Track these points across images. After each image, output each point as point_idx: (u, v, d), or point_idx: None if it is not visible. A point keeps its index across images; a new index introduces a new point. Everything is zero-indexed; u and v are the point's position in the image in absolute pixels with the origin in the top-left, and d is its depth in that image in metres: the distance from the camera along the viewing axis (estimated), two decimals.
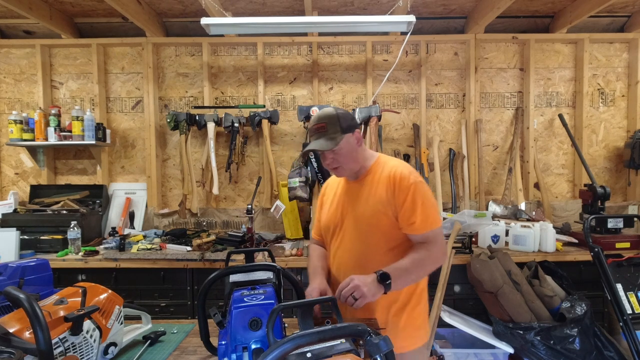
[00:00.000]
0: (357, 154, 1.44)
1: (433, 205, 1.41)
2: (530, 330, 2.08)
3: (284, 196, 3.03)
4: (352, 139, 1.41)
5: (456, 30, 3.37)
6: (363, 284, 1.22)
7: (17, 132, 3.01)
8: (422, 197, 1.37)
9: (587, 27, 3.27)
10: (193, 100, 3.35)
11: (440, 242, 1.40)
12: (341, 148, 1.39)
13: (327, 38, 3.25)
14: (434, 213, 1.39)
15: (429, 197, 1.40)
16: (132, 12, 2.77)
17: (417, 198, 1.37)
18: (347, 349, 0.80)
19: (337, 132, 1.38)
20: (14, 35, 3.34)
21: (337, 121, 1.39)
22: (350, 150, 1.41)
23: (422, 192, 1.38)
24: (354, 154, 1.43)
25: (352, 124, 1.43)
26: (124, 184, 3.36)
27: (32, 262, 1.47)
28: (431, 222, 1.38)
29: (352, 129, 1.42)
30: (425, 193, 1.39)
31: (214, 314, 1.18)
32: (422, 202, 1.36)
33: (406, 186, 1.37)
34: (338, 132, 1.38)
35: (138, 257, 2.52)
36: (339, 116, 1.40)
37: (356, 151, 1.43)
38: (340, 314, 1.09)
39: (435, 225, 1.39)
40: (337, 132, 1.38)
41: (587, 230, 2.35)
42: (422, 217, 1.36)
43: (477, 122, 3.23)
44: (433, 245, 1.37)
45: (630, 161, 3.13)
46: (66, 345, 1.12)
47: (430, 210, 1.38)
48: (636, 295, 2.23)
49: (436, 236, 1.39)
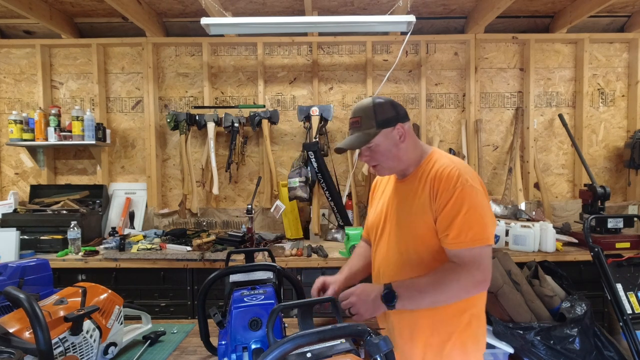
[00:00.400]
0: (399, 151, 1.24)
1: (481, 218, 1.14)
2: (530, 330, 2.08)
3: (284, 196, 3.03)
4: (392, 134, 1.23)
5: (456, 30, 3.37)
6: (361, 302, 1.15)
7: (17, 132, 3.01)
8: (468, 206, 1.13)
9: (587, 27, 3.27)
10: (193, 100, 3.35)
11: (477, 266, 1.12)
12: (378, 145, 1.22)
13: (327, 38, 3.25)
14: (478, 228, 1.13)
15: (477, 206, 1.14)
16: (132, 12, 2.77)
17: (461, 205, 1.13)
18: (347, 349, 0.80)
19: (371, 127, 1.21)
20: (14, 35, 3.34)
21: (372, 114, 1.22)
22: (390, 147, 1.23)
23: (470, 198, 1.13)
24: (394, 151, 1.24)
25: (392, 117, 1.23)
26: (124, 184, 3.36)
27: (32, 262, 1.47)
28: (470, 239, 1.12)
29: (393, 122, 1.22)
30: (474, 201, 1.14)
31: (214, 314, 1.18)
32: (467, 211, 1.13)
33: (450, 189, 1.15)
34: (373, 126, 1.21)
35: (138, 257, 2.52)
36: (375, 108, 1.22)
37: (398, 148, 1.24)
38: (340, 314, 1.09)
39: (475, 243, 1.13)
40: (371, 126, 1.21)
41: (587, 230, 2.35)
42: (458, 229, 1.13)
43: (477, 122, 3.23)
44: (467, 268, 1.12)
45: (630, 161, 3.13)
46: (66, 345, 1.12)
47: (473, 223, 1.13)
48: (636, 295, 2.22)
49: (474, 258, 1.13)
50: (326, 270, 2.51)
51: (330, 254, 2.58)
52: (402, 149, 1.25)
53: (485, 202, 1.17)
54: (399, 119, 1.24)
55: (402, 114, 1.26)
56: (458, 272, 1.13)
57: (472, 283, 1.13)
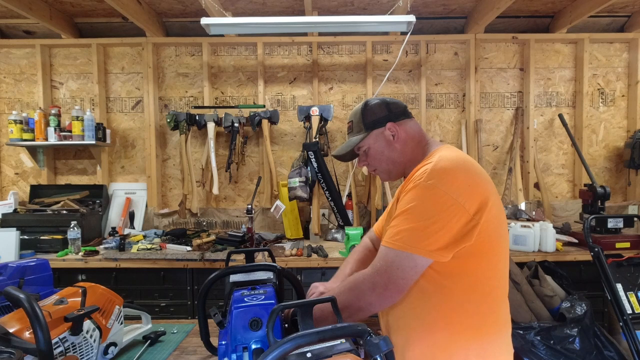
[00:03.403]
0: (392, 153, 1.14)
1: (419, 222, 0.95)
2: (530, 330, 2.08)
3: (284, 196, 3.03)
4: (383, 135, 1.14)
5: (456, 30, 3.37)
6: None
7: (17, 132, 3.01)
8: (413, 206, 0.97)
9: (587, 27, 3.27)
10: (193, 100, 3.35)
11: (383, 270, 0.97)
12: (369, 147, 1.16)
13: (327, 38, 3.25)
14: (408, 232, 0.96)
15: (425, 210, 0.95)
16: (132, 12, 2.77)
17: (407, 203, 0.99)
18: (347, 349, 0.80)
19: (360, 130, 1.16)
20: (14, 35, 3.34)
21: (360, 117, 1.16)
22: (381, 148, 1.14)
23: (421, 199, 0.97)
24: (387, 152, 1.14)
25: (383, 117, 1.14)
26: (124, 184, 3.36)
27: (32, 262, 1.47)
28: (398, 238, 0.96)
29: (383, 122, 1.14)
30: (424, 202, 0.96)
31: (214, 314, 1.18)
32: (409, 210, 0.97)
33: (413, 184, 1.00)
34: (362, 129, 1.15)
35: (138, 257, 2.52)
36: (363, 110, 1.16)
37: (391, 149, 1.14)
38: (341, 315, 1.09)
39: (392, 245, 0.97)
40: (360, 130, 1.16)
41: (587, 230, 2.35)
42: (391, 227, 1.00)
43: (477, 122, 3.23)
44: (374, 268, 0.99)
45: (630, 161, 3.13)
46: (66, 345, 1.12)
47: (413, 223, 0.96)
48: (636, 295, 2.23)
49: (385, 259, 0.97)
50: (326, 270, 2.51)
51: (330, 254, 2.58)
52: (396, 150, 1.14)
53: (441, 208, 0.94)
54: (390, 118, 1.15)
55: (395, 113, 1.16)
56: (367, 274, 1.01)
57: (371, 284, 0.98)
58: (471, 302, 0.99)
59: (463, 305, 0.99)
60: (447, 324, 1.00)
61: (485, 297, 1.01)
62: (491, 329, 1.01)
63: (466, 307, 0.99)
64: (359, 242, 2.46)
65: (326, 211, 3.19)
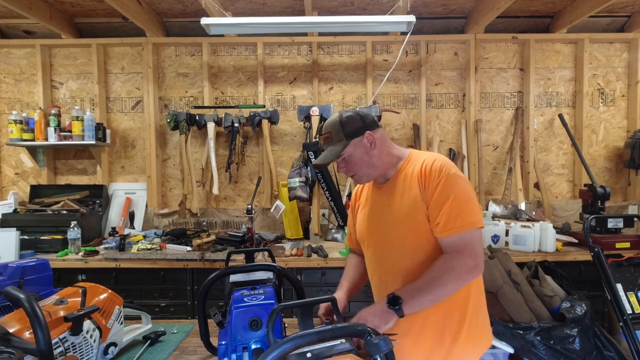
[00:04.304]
0: (371, 158, 1.28)
1: (467, 203, 1.17)
2: (530, 330, 2.08)
3: (284, 196, 3.03)
4: (362, 143, 1.27)
5: (456, 30, 3.37)
6: (371, 316, 1.14)
7: (17, 132, 3.01)
8: (454, 193, 1.16)
9: (587, 27, 3.27)
10: (193, 100, 3.35)
11: (469, 252, 1.15)
12: (350, 155, 1.27)
13: (327, 38, 3.25)
14: (466, 213, 1.16)
15: (463, 193, 1.17)
16: (132, 12, 2.77)
17: (447, 193, 1.16)
18: (347, 349, 0.80)
19: (341, 140, 1.27)
20: (14, 35, 3.34)
21: (340, 128, 1.27)
22: (362, 155, 1.27)
23: (455, 186, 1.17)
24: (366, 158, 1.28)
25: (360, 126, 1.27)
26: (124, 184, 3.36)
27: (32, 262, 1.47)
28: (459, 224, 1.15)
29: (361, 131, 1.27)
30: (459, 188, 1.17)
31: (214, 314, 1.18)
32: (453, 198, 1.16)
33: (436, 179, 1.18)
34: (342, 139, 1.27)
35: (138, 257, 2.52)
36: (341, 122, 1.28)
37: (370, 155, 1.28)
38: (340, 315, 1.09)
39: (465, 228, 1.15)
40: (341, 139, 1.27)
41: (587, 230, 2.35)
42: (448, 215, 1.15)
43: (477, 122, 3.23)
44: (458, 255, 1.15)
45: (630, 161, 3.13)
46: (66, 345, 1.12)
47: (462, 207, 1.15)
48: (636, 295, 2.23)
49: (465, 243, 1.15)
50: (326, 270, 2.51)
51: (330, 254, 2.58)
52: (374, 156, 1.29)
53: (470, 188, 1.21)
54: (366, 127, 1.28)
55: (369, 123, 1.30)
56: (450, 263, 1.15)
57: (466, 269, 1.15)
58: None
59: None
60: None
61: None
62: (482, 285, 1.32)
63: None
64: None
65: (326, 211, 3.19)
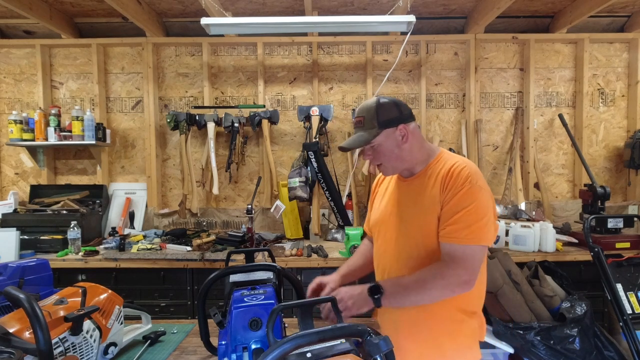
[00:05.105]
0: (402, 152, 1.25)
1: (481, 218, 1.14)
2: (530, 330, 2.08)
3: (284, 196, 3.03)
4: (394, 135, 1.23)
5: (456, 30, 3.37)
6: (348, 297, 1.16)
7: (17, 132, 3.01)
8: (473, 204, 1.14)
9: (587, 27, 3.27)
10: (193, 100, 3.35)
11: (465, 265, 1.13)
12: (380, 145, 1.24)
13: (327, 38, 3.25)
14: (476, 227, 1.13)
15: (481, 207, 1.14)
16: (132, 12, 2.77)
17: (465, 202, 1.14)
18: (347, 349, 0.80)
19: (373, 127, 1.22)
20: (14, 35, 3.34)
21: (374, 114, 1.23)
22: (392, 147, 1.24)
23: (476, 198, 1.15)
24: (396, 151, 1.24)
25: (395, 117, 1.23)
26: (124, 184, 3.36)
27: (32, 262, 1.47)
28: (465, 235, 1.13)
29: (395, 123, 1.23)
30: (479, 201, 1.15)
31: (214, 314, 1.18)
32: (470, 209, 1.14)
33: (459, 185, 1.16)
34: (375, 127, 1.22)
35: (138, 257, 2.52)
36: (377, 108, 1.23)
37: (400, 148, 1.24)
38: (340, 315, 1.09)
39: (469, 241, 1.13)
40: (373, 126, 1.22)
41: (587, 230, 2.35)
42: (458, 224, 1.14)
43: (477, 122, 3.23)
44: (453, 265, 1.13)
45: (630, 161, 3.13)
46: (66, 345, 1.12)
47: (473, 221, 1.13)
48: (636, 295, 2.23)
49: (464, 255, 1.13)
50: (326, 270, 2.51)
51: (330, 254, 2.58)
52: (404, 150, 1.25)
53: (490, 205, 1.18)
54: (402, 119, 1.24)
55: (405, 115, 1.26)
56: (444, 271, 1.14)
57: (457, 282, 1.14)
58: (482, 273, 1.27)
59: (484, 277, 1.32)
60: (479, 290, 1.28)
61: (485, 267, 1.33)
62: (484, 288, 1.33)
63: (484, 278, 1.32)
64: (359, 242, 2.47)
65: (326, 211, 3.19)
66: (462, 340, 1.23)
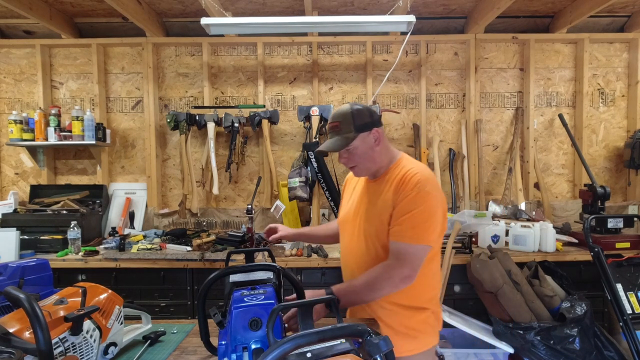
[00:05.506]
0: (374, 154, 1.37)
1: (426, 221, 1.26)
2: (530, 330, 2.08)
3: (284, 196, 3.04)
4: (368, 138, 1.35)
5: (456, 30, 3.37)
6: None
7: (17, 132, 3.01)
8: (419, 208, 1.26)
9: (587, 27, 3.27)
10: (193, 100, 3.35)
11: (408, 262, 1.26)
12: (355, 147, 1.34)
13: (327, 38, 3.25)
14: (422, 228, 1.26)
15: (426, 210, 1.26)
16: (132, 12, 2.77)
17: (413, 205, 1.26)
18: (347, 349, 0.80)
19: (350, 131, 1.32)
20: (14, 35, 3.34)
21: (351, 119, 1.32)
22: (366, 149, 1.35)
23: (424, 202, 1.26)
24: (370, 153, 1.36)
25: (369, 122, 1.34)
26: (124, 184, 3.36)
27: (32, 262, 1.47)
28: (411, 235, 1.25)
29: (369, 127, 1.34)
30: (426, 204, 1.26)
31: (214, 314, 1.18)
32: (417, 211, 1.25)
33: (409, 189, 1.28)
34: (351, 131, 1.32)
35: (138, 257, 2.52)
36: (353, 114, 1.33)
37: (373, 151, 1.36)
38: (340, 315, 1.09)
39: (413, 241, 1.26)
40: (350, 131, 1.32)
41: (587, 230, 2.35)
42: (404, 224, 1.26)
43: (477, 122, 3.23)
44: (397, 263, 1.26)
45: (630, 161, 3.13)
46: (66, 345, 1.11)
47: (418, 223, 1.26)
48: (636, 295, 2.23)
49: (407, 253, 1.26)
50: (326, 270, 2.51)
51: (330, 254, 2.58)
52: (377, 152, 1.37)
53: (436, 210, 1.29)
54: (374, 124, 1.36)
55: (376, 120, 1.37)
56: (388, 271, 1.26)
57: (400, 278, 1.27)
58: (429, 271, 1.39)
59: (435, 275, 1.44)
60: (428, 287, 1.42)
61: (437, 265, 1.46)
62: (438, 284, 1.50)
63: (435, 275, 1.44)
64: None
65: (326, 211, 3.19)
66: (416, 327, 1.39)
